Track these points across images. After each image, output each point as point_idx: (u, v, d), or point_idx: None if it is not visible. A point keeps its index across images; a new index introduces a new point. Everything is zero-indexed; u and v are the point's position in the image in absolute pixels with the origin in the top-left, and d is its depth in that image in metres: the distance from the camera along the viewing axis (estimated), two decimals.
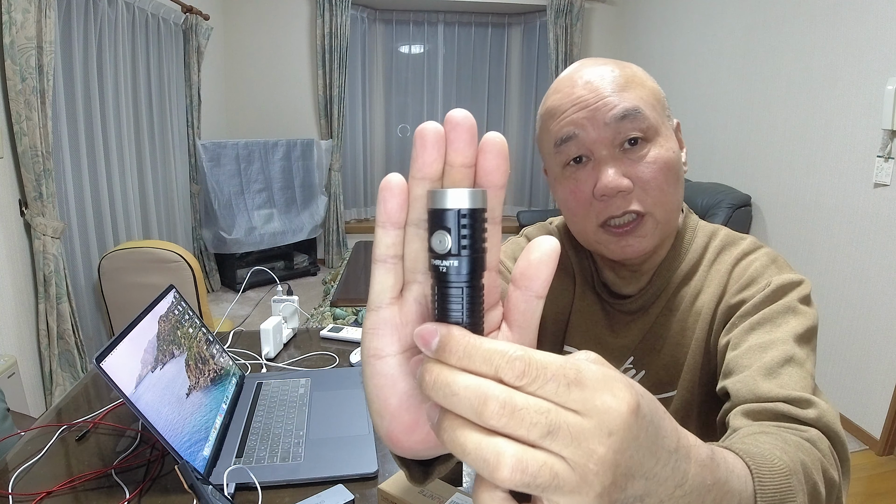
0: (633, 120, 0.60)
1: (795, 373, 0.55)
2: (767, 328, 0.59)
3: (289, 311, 1.33)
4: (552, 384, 0.22)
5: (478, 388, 0.22)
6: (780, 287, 0.62)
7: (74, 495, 0.77)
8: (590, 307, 0.75)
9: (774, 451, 0.42)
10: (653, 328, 0.71)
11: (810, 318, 0.61)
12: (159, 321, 0.90)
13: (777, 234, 2.68)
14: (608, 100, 0.61)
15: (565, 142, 0.63)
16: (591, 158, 0.63)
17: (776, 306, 0.61)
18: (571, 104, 0.62)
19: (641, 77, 0.64)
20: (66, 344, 2.12)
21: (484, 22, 4.62)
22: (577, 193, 0.64)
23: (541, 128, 0.68)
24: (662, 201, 0.63)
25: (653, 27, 3.97)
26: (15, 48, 1.83)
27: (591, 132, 0.61)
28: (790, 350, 0.56)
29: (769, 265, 0.65)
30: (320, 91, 4.20)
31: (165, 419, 0.77)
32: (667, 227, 0.65)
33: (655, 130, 0.62)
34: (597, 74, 0.62)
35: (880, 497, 1.89)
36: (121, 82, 2.69)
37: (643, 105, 0.61)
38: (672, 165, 0.63)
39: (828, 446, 0.49)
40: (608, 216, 0.63)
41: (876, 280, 2.12)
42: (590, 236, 0.66)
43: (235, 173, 3.78)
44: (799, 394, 0.52)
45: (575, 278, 0.77)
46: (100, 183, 2.53)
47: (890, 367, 2.06)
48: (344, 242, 4.50)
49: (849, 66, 2.23)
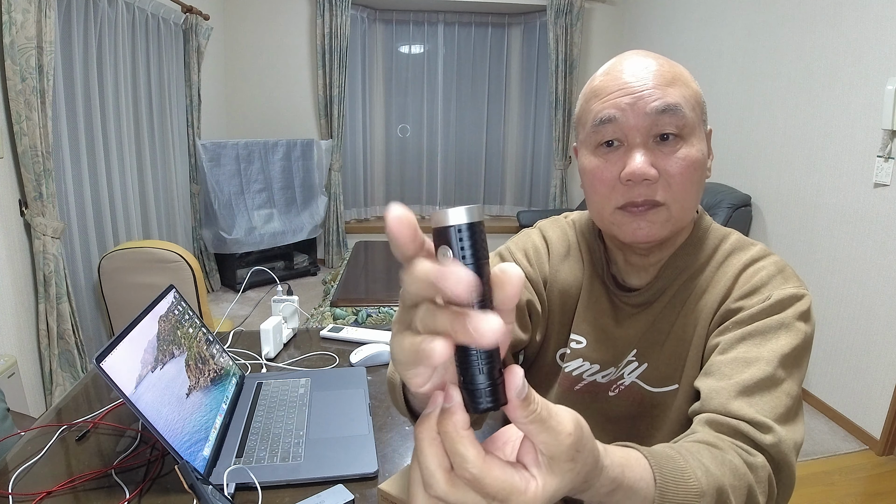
0: (672, 115, 0.62)
1: (769, 396, 0.58)
2: (757, 341, 0.61)
3: (289, 311, 1.33)
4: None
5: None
6: (779, 301, 0.64)
7: (74, 495, 0.77)
8: (597, 298, 0.77)
9: (700, 468, 0.47)
10: (657, 322, 0.73)
11: (801, 335, 0.63)
12: (159, 321, 0.90)
13: (777, 234, 2.68)
14: (652, 91, 0.63)
15: (605, 123, 0.65)
16: (624, 144, 0.65)
17: (770, 321, 0.63)
18: (617, 88, 0.64)
19: (687, 78, 0.67)
20: (66, 344, 2.12)
21: (484, 22, 4.62)
22: (604, 174, 0.66)
23: (582, 105, 0.70)
24: (682, 198, 0.65)
25: (653, 27, 3.97)
26: (15, 48, 1.83)
27: (631, 118, 0.63)
28: (771, 371, 0.59)
29: (775, 275, 0.67)
30: (320, 91, 4.20)
31: (165, 419, 0.77)
32: (680, 222, 0.67)
33: (690, 130, 0.64)
34: (645, 65, 0.65)
35: (880, 497, 1.89)
36: (121, 82, 2.69)
37: (684, 104, 0.63)
38: (698, 167, 0.65)
39: (768, 474, 0.53)
40: (629, 200, 0.65)
41: (876, 280, 2.12)
42: (606, 217, 0.69)
43: (235, 173, 3.78)
44: (762, 419, 0.55)
45: (584, 269, 0.79)
46: (100, 183, 2.53)
47: (890, 367, 2.06)
48: (344, 242, 4.50)
49: (849, 66, 2.23)
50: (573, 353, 0.78)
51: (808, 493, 1.88)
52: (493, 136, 4.84)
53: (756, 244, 0.72)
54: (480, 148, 4.85)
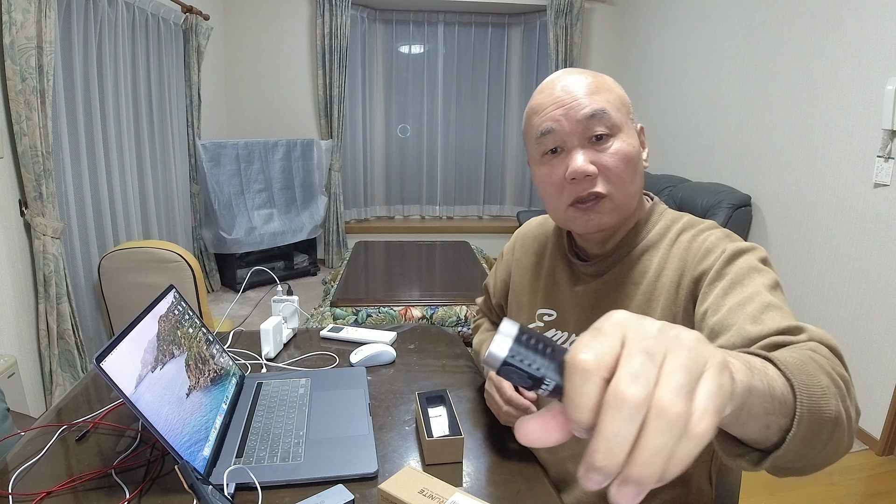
0: (601, 118, 0.73)
1: (778, 313, 0.60)
2: (738, 289, 0.66)
3: (289, 311, 1.33)
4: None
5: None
6: (734, 252, 0.70)
7: (74, 495, 0.77)
8: (560, 273, 0.89)
9: (798, 362, 0.46)
10: (618, 287, 0.81)
11: (773, 275, 0.68)
12: (159, 321, 0.90)
13: (777, 234, 2.68)
14: (581, 100, 0.73)
15: (545, 134, 0.75)
16: (565, 149, 0.75)
17: (739, 269, 0.68)
18: (551, 103, 0.75)
19: (610, 84, 0.77)
20: (66, 344, 2.12)
21: (484, 22, 4.62)
22: (552, 177, 0.77)
23: (526, 122, 0.81)
24: (622, 187, 0.75)
25: (653, 27, 3.97)
26: (15, 48, 1.83)
27: (566, 126, 0.74)
28: (766, 299, 0.62)
29: (723, 238, 0.74)
30: (320, 91, 4.20)
31: (165, 419, 0.77)
32: (625, 209, 0.77)
33: (619, 128, 0.74)
34: (573, 80, 0.76)
35: (880, 497, 1.89)
36: (121, 82, 2.69)
37: (609, 107, 0.74)
38: (632, 158, 0.74)
39: (828, 351, 0.52)
40: (576, 197, 0.75)
41: (876, 280, 2.12)
42: (561, 215, 0.79)
43: (235, 173, 3.78)
44: (787, 324, 0.57)
45: (549, 252, 0.92)
46: (100, 183, 2.52)
47: (890, 367, 2.06)
48: (344, 242, 4.50)
49: (849, 66, 2.23)
50: (546, 326, 0.89)
51: (808, 493, 1.88)
52: (493, 136, 4.84)
53: (705, 221, 0.80)
54: (480, 148, 4.85)
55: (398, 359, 1.23)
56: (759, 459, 0.41)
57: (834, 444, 0.44)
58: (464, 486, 0.82)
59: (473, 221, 4.94)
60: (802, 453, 0.42)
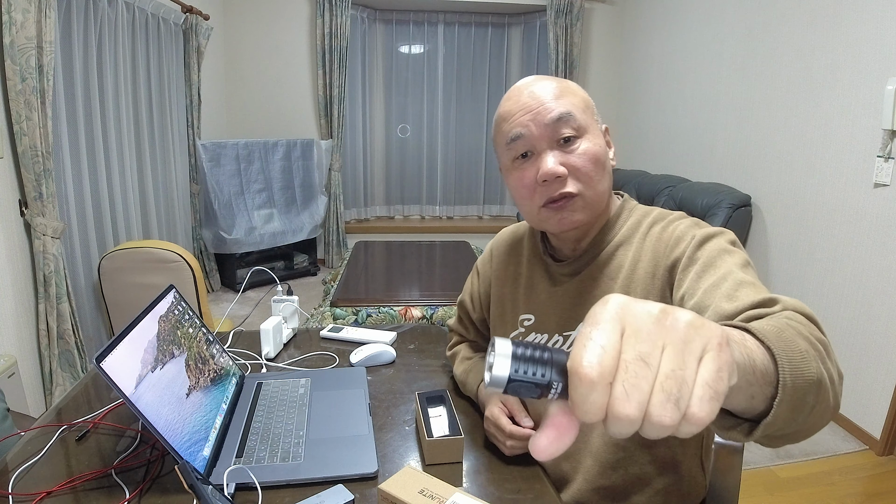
0: (567, 121, 0.76)
1: (751, 289, 0.62)
2: (711, 270, 0.67)
3: (289, 311, 1.33)
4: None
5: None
6: (703, 237, 0.73)
7: (74, 495, 0.77)
8: (538, 277, 0.90)
9: (776, 329, 0.46)
10: (596, 285, 0.82)
11: (743, 254, 0.70)
12: (159, 321, 0.90)
13: (777, 234, 2.68)
14: (547, 105, 0.76)
15: (515, 140, 0.78)
16: (535, 153, 0.78)
17: (710, 252, 0.70)
18: (519, 109, 0.78)
19: (574, 89, 0.80)
20: (66, 344, 2.12)
21: (484, 22, 4.62)
22: (524, 180, 0.79)
23: (495, 130, 0.84)
24: (590, 185, 0.77)
25: (653, 27, 3.97)
26: (15, 48, 1.83)
27: (535, 130, 0.77)
28: (739, 277, 0.64)
29: (692, 226, 0.77)
30: (320, 91, 4.20)
31: (165, 419, 0.77)
32: (596, 206, 0.80)
33: (585, 129, 0.77)
34: (539, 87, 0.79)
35: (880, 497, 1.88)
36: (121, 82, 2.69)
37: (574, 110, 0.77)
38: (599, 157, 0.77)
39: (803, 318, 0.53)
40: (548, 197, 0.77)
41: (876, 280, 2.12)
42: (534, 216, 0.81)
43: (235, 173, 3.78)
44: (761, 297, 0.58)
45: (525, 257, 0.94)
46: (100, 183, 2.52)
47: (890, 367, 2.06)
48: (344, 242, 4.50)
49: (849, 66, 2.23)
50: (527, 331, 0.90)
51: (808, 493, 1.88)
52: None
53: (674, 213, 0.83)
54: (480, 148, 4.85)
55: (398, 359, 1.23)
56: (750, 430, 0.42)
57: (821, 406, 0.45)
58: (464, 486, 0.82)
59: (473, 221, 4.94)
60: (791, 418, 0.42)
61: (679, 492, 0.83)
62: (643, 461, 0.81)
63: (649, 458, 0.81)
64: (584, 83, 4.52)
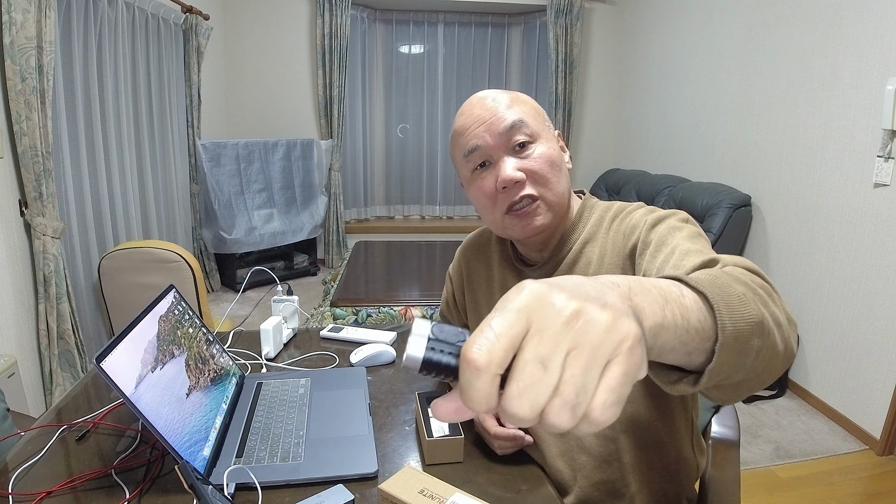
0: (520, 128, 0.79)
1: (696, 257, 0.62)
2: (663, 248, 0.69)
3: (289, 311, 1.33)
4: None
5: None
6: (654, 221, 0.75)
7: (74, 495, 0.77)
8: (510, 280, 0.92)
9: (714, 281, 0.46)
10: None
11: (694, 228, 0.72)
12: (159, 321, 0.90)
13: (777, 234, 2.68)
14: (500, 115, 0.79)
15: (472, 151, 0.81)
16: (492, 162, 0.80)
17: (661, 233, 0.72)
18: (473, 121, 0.81)
19: (523, 98, 0.84)
20: (66, 344, 2.12)
21: (484, 22, 4.62)
22: (484, 190, 0.81)
23: (452, 144, 0.86)
24: (549, 187, 0.80)
25: (653, 27, 3.97)
26: (15, 48, 1.83)
27: (490, 140, 0.79)
28: (685, 247, 0.66)
29: (646, 213, 0.79)
30: (320, 91, 4.20)
31: (165, 419, 0.77)
32: (558, 208, 0.82)
33: (538, 134, 0.80)
34: (490, 99, 0.81)
35: (880, 497, 1.88)
36: (121, 82, 2.69)
37: (526, 117, 0.80)
38: (554, 160, 0.80)
39: (745, 270, 0.53)
40: (509, 203, 0.79)
41: (876, 280, 2.12)
42: (498, 223, 0.83)
43: (235, 173, 3.78)
44: (703, 259, 0.59)
45: (495, 262, 0.95)
46: (100, 183, 2.52)
47: (890, 367, 2.06)
48: (344, 242, 4.50)
49: (849, 66, 2.23)
50: None
51: (808, 493, 1.88)
52: None
53: (632, 204, 0.85)
54: None
55: (398, 359, 1.23)
56: (696, 381, 0.42)
57: (767, 350, 0.45)
58: (464, 486, 0.82)
59: (473, 221, 4.94)
60: (737, 363, 0.42)
61: (667, 471, 0.83)
62: (629, 446, 0.81)
63: (633, 442, 0.81)
64: (584, 83, 4.52)
